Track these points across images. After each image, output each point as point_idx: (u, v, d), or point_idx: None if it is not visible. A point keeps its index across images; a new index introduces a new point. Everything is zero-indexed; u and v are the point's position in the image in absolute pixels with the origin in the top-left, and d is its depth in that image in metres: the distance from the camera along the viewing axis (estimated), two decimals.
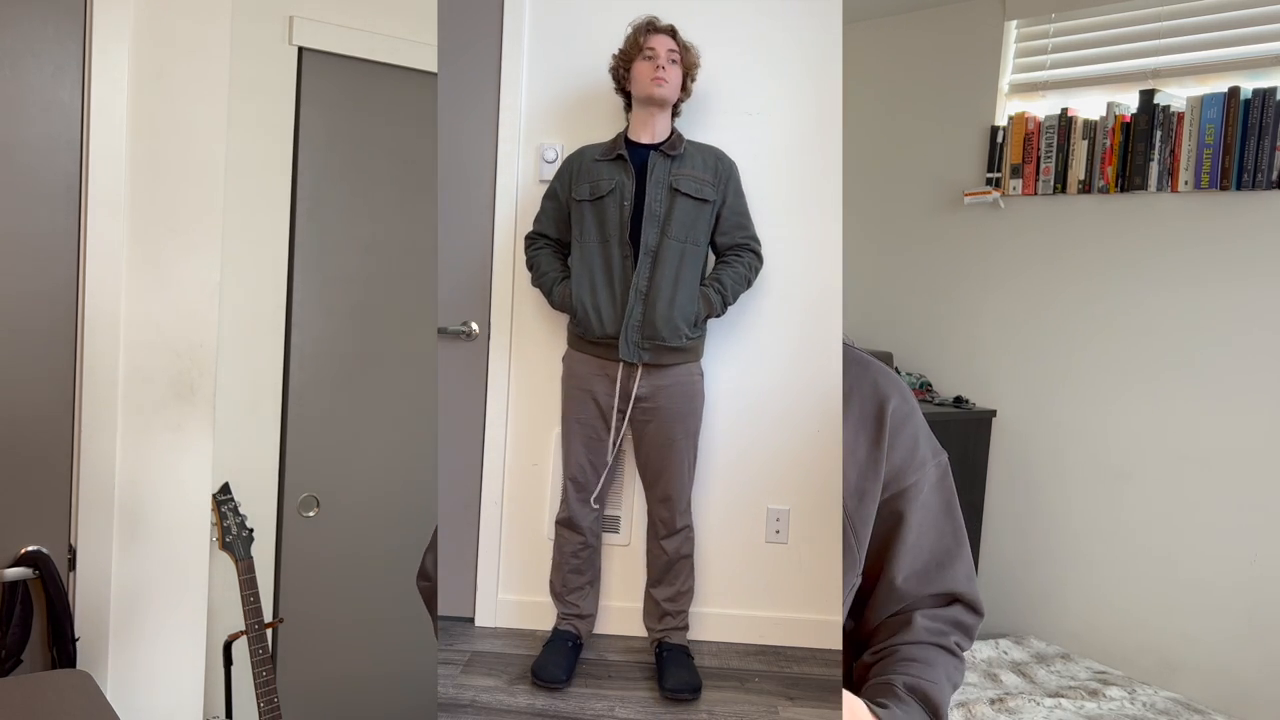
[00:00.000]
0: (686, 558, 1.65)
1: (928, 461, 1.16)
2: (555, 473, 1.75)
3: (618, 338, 1.56)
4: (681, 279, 1.56)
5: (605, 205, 1.56)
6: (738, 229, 1.63)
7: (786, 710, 1.50)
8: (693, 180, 1.58)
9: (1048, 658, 3.21)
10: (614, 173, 1.57)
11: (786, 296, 1.73)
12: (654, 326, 1.55)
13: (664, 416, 1.60)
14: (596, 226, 1.57)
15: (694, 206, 1.57)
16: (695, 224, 1.58)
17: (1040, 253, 3.48)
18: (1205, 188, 3.01)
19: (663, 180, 1.56)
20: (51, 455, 2.12)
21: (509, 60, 1.77)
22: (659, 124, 1.59)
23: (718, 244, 1.62)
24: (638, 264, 1.55)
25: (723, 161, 1.62)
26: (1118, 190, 3.22)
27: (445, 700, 1.43)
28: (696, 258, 1.59)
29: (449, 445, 1.80)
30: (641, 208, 1.56)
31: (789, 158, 1.71)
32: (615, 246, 1.56)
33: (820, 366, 1.70)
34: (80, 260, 2.10)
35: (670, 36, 1.59)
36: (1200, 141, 3.01)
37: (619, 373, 1.58)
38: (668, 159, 1.58)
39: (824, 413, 1.70)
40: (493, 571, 1.77)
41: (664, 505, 1.64)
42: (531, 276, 1.65)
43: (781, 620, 1.73)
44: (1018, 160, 3.50)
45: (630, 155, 1.58)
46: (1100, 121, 3.26)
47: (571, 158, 1.63)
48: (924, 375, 3.80)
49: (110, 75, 2.09)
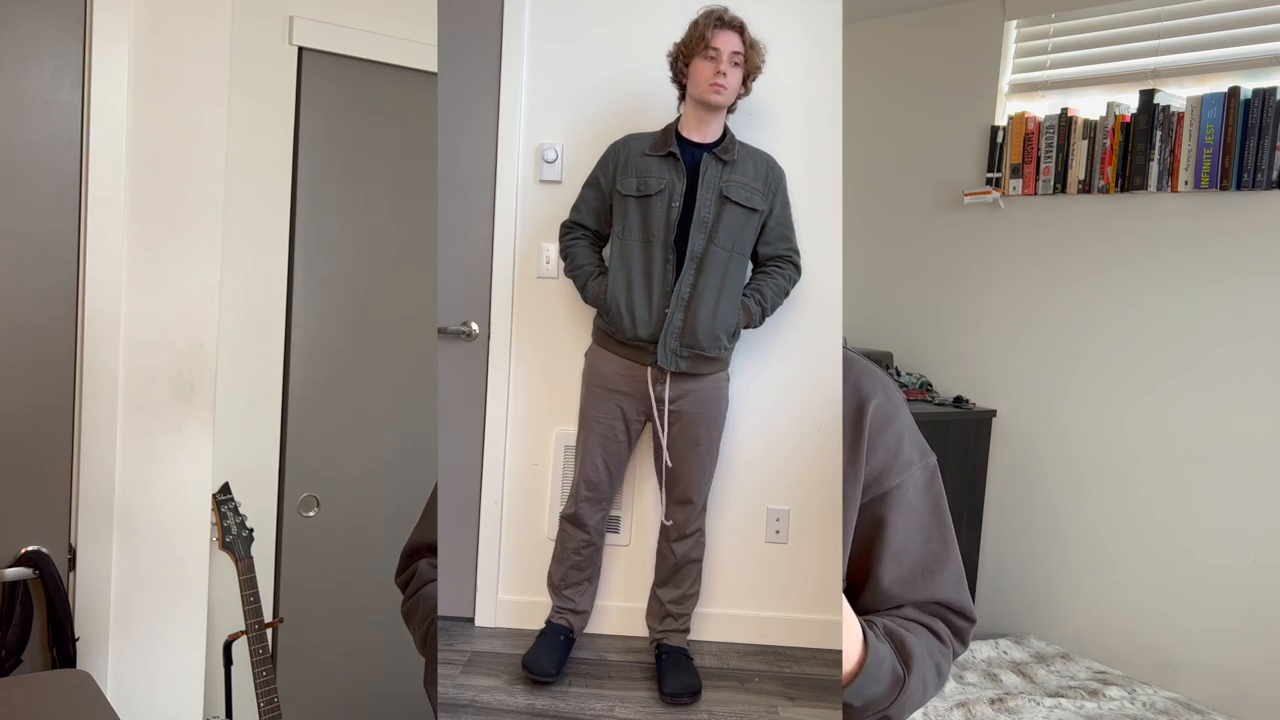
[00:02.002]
0: (696, 562, 1.65)
1: (913, 463, 1.14)
2: (555, 473, 1.75)
3: (649, 342, 1.53)
4: (726, 289, 1.52)
5: (652, 204, 1.51)
6: (781, 240, 1.59)
7: (786, 710, 1.50)
8: (744, 188, 1.53)
9: (1048, 658, 3.21)
10: (664, 171, 1.52)
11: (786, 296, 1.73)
12: (694, 335, 1.52)
13: (689, 421, 1.59)
14: (641, 226, 1.52)
15: (743, 215, 1.53)
16: (743, 233, 1.54)
17: (1040, 253, 3.48)
18: (1205, 188, 3.01)
19: (714, 185, 1.52)
20: (51, 455, 2.12)
21: (509, 60, 1.77)
22: (713, 124, 1.54)
23: (759, 253, 1.58)
24: (681, 270, 1.51)
25: (774, 170, 1.58)
26: (1118, 190, 3.22)
27: (445, 700, 1.43)
28: (741, 267, 1.55)
29: (449, 445, 1.80)
30: (690, 211, 1.51)
31: (789, 158, 1.71)
32: (658, 249, 1.51)
33: (820, 366, 1.70)
34: (80, 260, 2.10)
35: (738, 34, 1.49)
36: (1200, 141, 3.01)
37: (648, 375, 1.56)
38: (720, 163, 1.53)
39: (824, 413, 1.70)
40: (493, 571, 1.77)
41: (681, 508, 1.63)
42: (565, 266, 1.61)
43: (781, 620, 1.73)
44: (1018, 160, 3.50)
45: (682, 154, 1.52)
46: (1100, 121, 3.26)
47: (617, 146, 1.57)
48: (924, 375, 3.80)
49: (110, 75, 2.09)
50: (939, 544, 1.13)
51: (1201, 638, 3.05)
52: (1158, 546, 3.16)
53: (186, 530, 2.29)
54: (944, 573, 1.13)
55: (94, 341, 2.12)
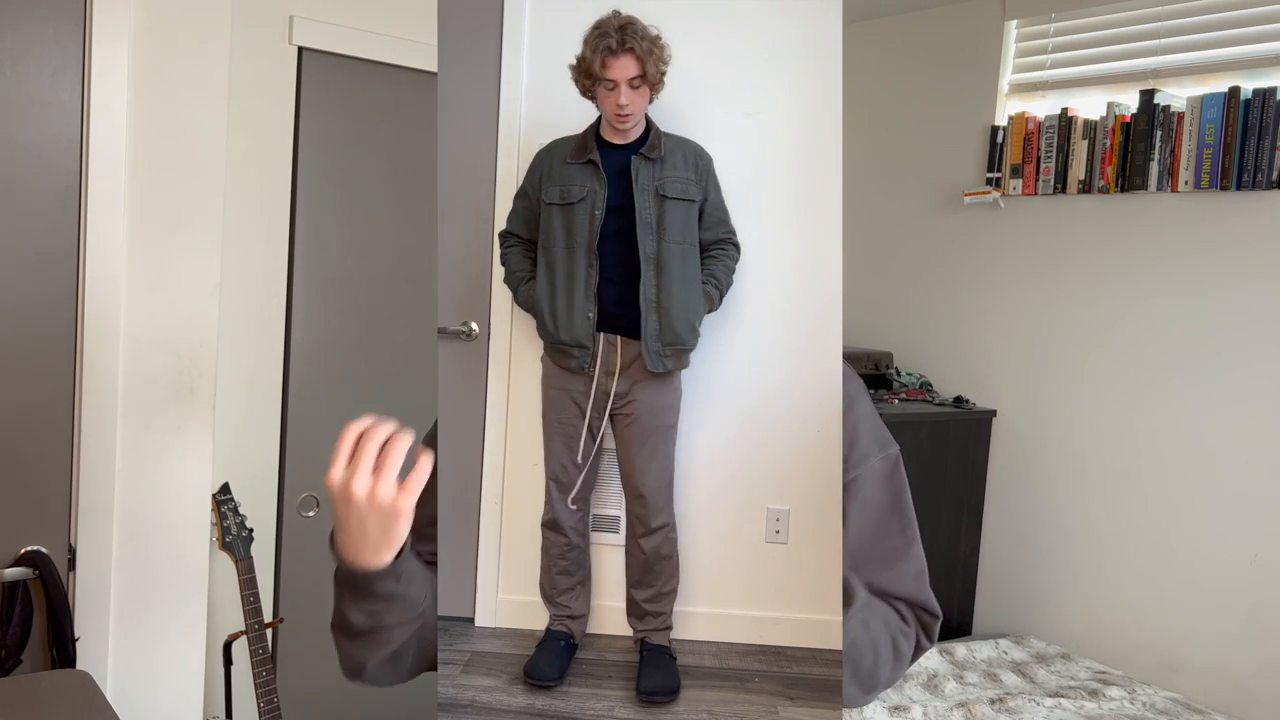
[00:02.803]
0: (667, 558, 1.64)
1: (871, 455, 1.11)
2: None
3: (573, 345, 1.55)
4: (688, 281, 1.56)
5: (575, 212, 1.53)
6: (719, 224, 1.62)
7: (786, 710, 1.50)
8: (678, 182, 1.55)
9: (1048, 658, 3.21)
10: (585, 179, 1.53)
11: (786, 297, 1.73)
12: (674, 332, 1.55)
13: (640, 412, 1.60)
14: (564, 233, 1.53)
15: (684, 208, 1.56)
16: (688, 225, 1.57)
17: (1040, 253, 3.48)
18: (1205, 188, 3.01)
19: (648, 185, 1.53)
20: (51, 455, 2.12)
21: (509, 60, 1.77)
22: (631, 128, 1.54)
23: (702, 240, 1.61)
24: (641, 274, 1.52)
25: (701, 158, 1.60)
26: (1118, 190, 3.22)
27: (445, 700, 1.43)
28: (695, 258, 1.58)
29: (449, 445, 1.80)
30: (626, 214, 1.52)
31: (789, 158, 1.71)
32: (581, 255, 1.52)
33: (820, 367, 1.70)
34: (80, 260, 2.10)
35: (632, 56, 1.44)
36: (1200, 141, 3.01)
37: (596, 372, 1.57)
38: (649, 162, 1.54)
39: (824, 413, 1.69)
40: (493, 571, 1.77)
41: (638, 502, 1.63)
42: (503, 274, 1.64)
43: (781, 620, 1.73)
44: (1018, 160, 3.50)
45: (603, 158, 1.53)
46: (1100, 121, 3.26)
47: (540, 156, 1.59)
48: (924, 375, 3.80)
49: (110, 75, 2.09)
50: (898, 539, 1.10)
51: (1201, 638, 3.05)
52: (1158, 546, 3.16)
53: (186, 530, 2.29)
54: (903, 567, 1.10)
55: (94, 341, 2.12)
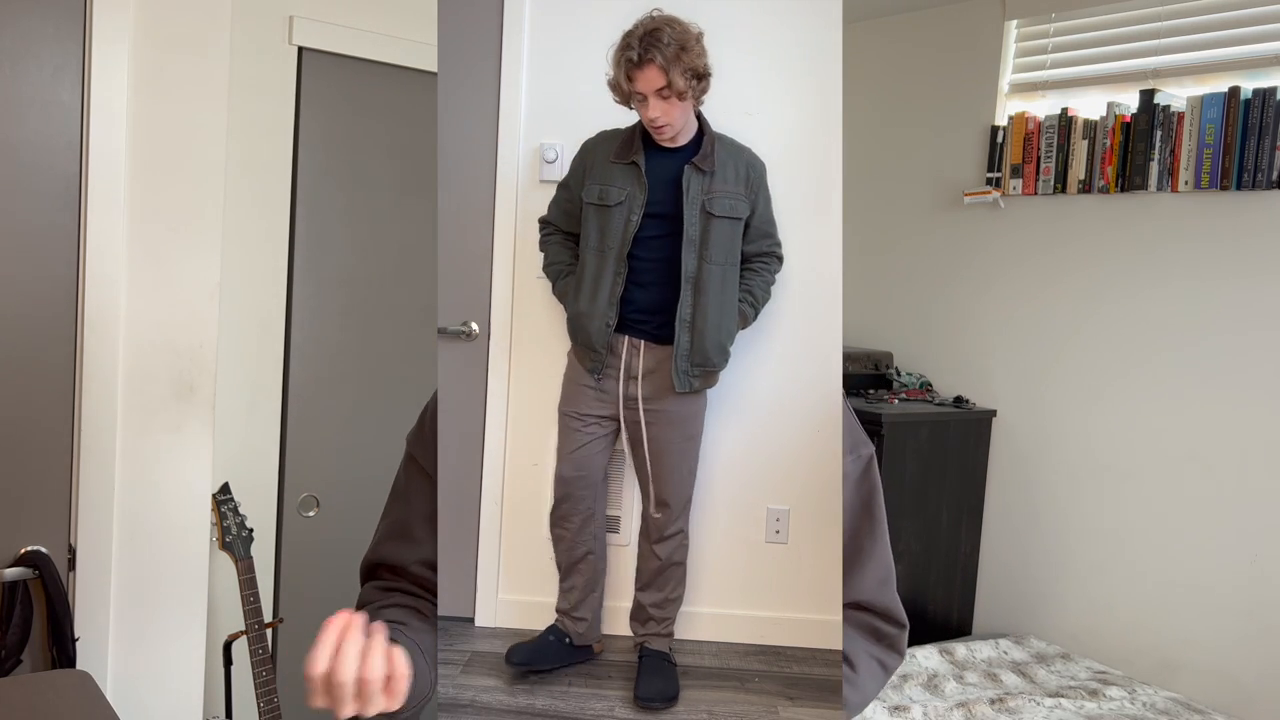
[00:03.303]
0: (679, 564, 1.63)
1: (843, 456, 1.11)
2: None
3: (590, 349, 1.53)
4: (725, 304, 1.52)
5: (612, 215, 1.50)
6: (764, 237, 1.58)
7: (786, 710, 1.50)
8: (727, 198, 1.50)
9: (1048, 658, 3.21)
10: (627, 181, 1.49)
11: (786, 296, 1.72)
12: (704, 354, 1.52)
13: (665, 419, 1.58)
14: (598, 235, 1.51)
15: (730, 226, 1.51)
16: (732, 244, 1.53)
17: (1040, 253, 3.48)
18: (1205, 188, 3.01)
19: (697, 201, 1.49)
20: (51, 455, 2.12)
21: (509, 60, 1.77)
22: (680, 133, 1.50)
23: (745, 252, 1.57)
24: (681, 293, 1.49)
25: (754, 169, 1.55)
26: (1118, 190, 3.22)
27: (445, 700, 1.43)
28: (734, 278, 1.54)
29: (449, 445, 1.80)
30: (645, 220, 1.49)
31: (789, 158, 1.71)
32: (611, 261, 1.49)
33: (820, 366, 1.70)
34: (80, 260, 2.10)
35: (654, 67, 1.40)
36: (1200, 141, 3.01)
37: (620, 376, 1.57)
38: (702, 175, 1.49)
39: (824, 413, 1.69)
40: (493, 571, 1.77)
41: (660, 509, 1.62)
42: (542, 261, 1.62)
43: (781, 620, 1.73)
44: (1018, 160, 3.50)
45: (648, 161, 1.49)
46: (1100, 121, 3.26)
47: (586, 149, 1.55)
48: (924, 375, 3.80)
49: (110, 75, 2.09)
50: (865, 539, 1.09)
51: (1201, 638, 3.05)
52: (1157, 546, 3.16)
53: (186, 530, 2.29)
54: (865, 571, 1.08)
55: (94, 341, 2.12)
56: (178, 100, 2.19)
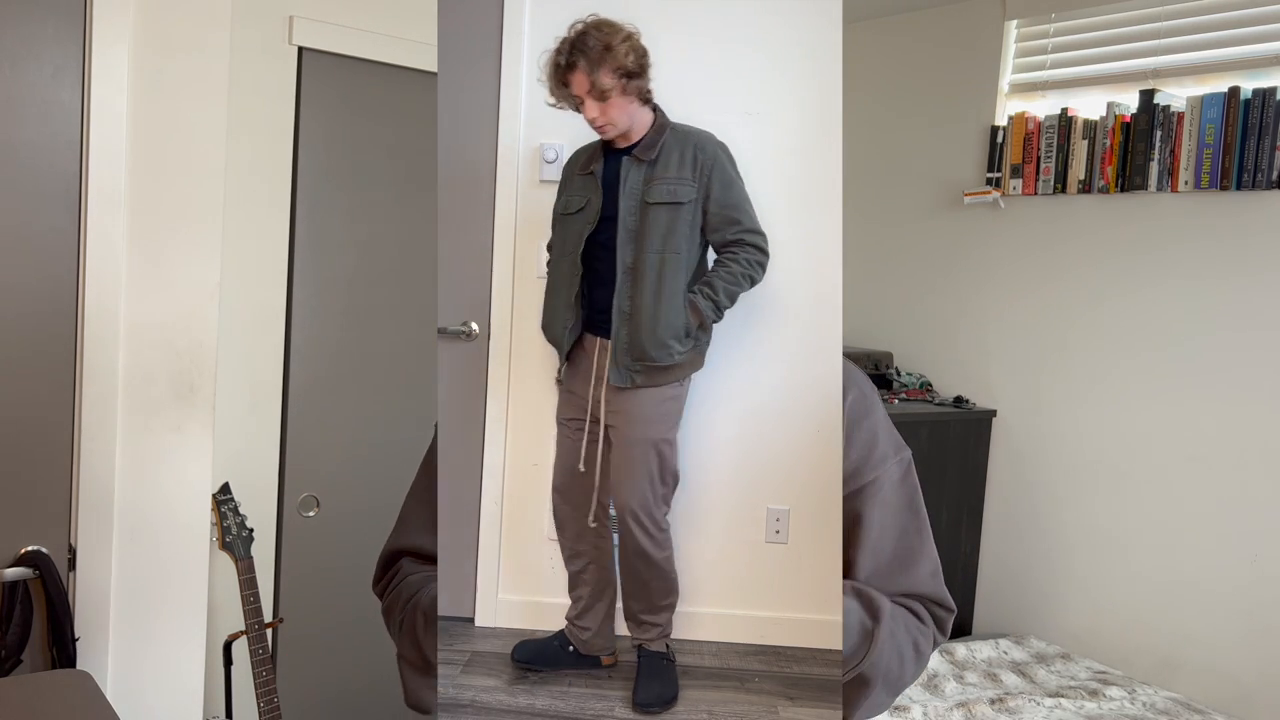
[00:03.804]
0: (654, 567, 1.58)
1: (889, 458, 1.13)
2: None
3: (562, 351, 1.54)
4: (663, 293, 1.46)
5: (573, 222, 1.51)
6: (729, 224, 1.48)
7: (786, 710, 1.50)
8: (665, 184, 1.46)
9: (1048, 658, 3.21)
10: (586, 190, 1.50)
11: (786, 296, 1.73)
12: (641, 348, 1.47)
13: (626, 422, 1.54)
14: (560, 242, 1.52)
15: (668, 212, 1.46)
16: (672, 231, 1.47)
17: (1040, 253, 3.48)
18: (1205, 188, 3.01)
19: (635, 191, 1.47)
20: (51, 455, 2.12)
21: (509, 60, 1.77)
22: (631, 128, 1.49)
23: (713, 243, 1.53)
24: (616, 284, 1.48)
25: (703, 151, 1.46)
26: (1118, 190, 3.22)
27: (445, 700, 1.43)
28: (676, 266, 1.48)
29: (449, 445, 1.80)
30: (613, 223, 1.48)
31: (789, 158, 1.71)
32: (567, 264, 1.50)
33: (820, 366, 1.70)
34: (80, 260, 2.10)
35: (580, 71, 1.40)
36: (1200, 141, 3.01)
37: (590, 378, 1.56)
38: (640, 164, 1.47)
39: (824, 412, 1.70)
40: (493, 571, 1.77)
41: (624, 514, 1.57)
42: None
43: (781, 620, 1.73)
44: (1018, 160, 3.50)
45: (605, 167, 1.50)
46: (1100, 121, 3.26)
47: (565, 166, 1.58)
48: (924, 375, 3.80)
49: (110, 75, 2.09)
50: (914, 538, 1.13)
51: (1201, 638, 3.05)
52: (1157, 546, 3.16)
53: (186, 530, 2.29)
54: (920, 566, 1.13)
55: (94, 341, 2.12)
56: (178, 100, 2.19)
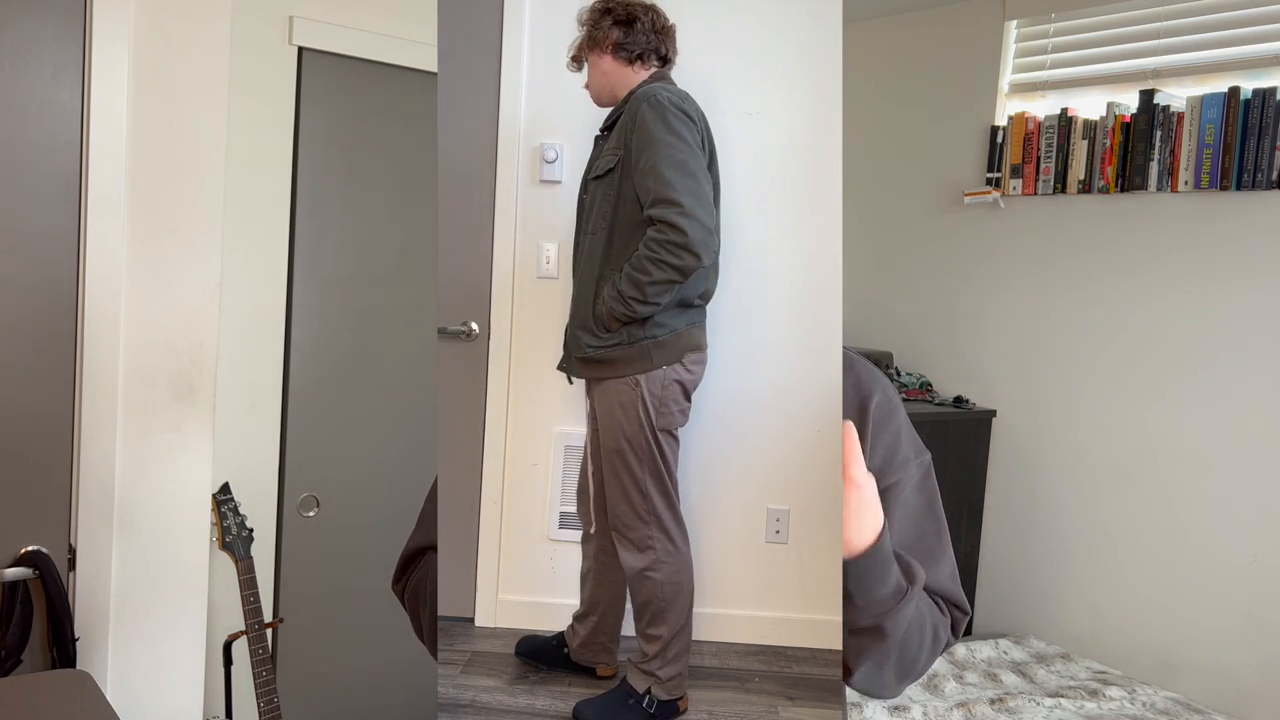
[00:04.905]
0: (652, 592, 1.46)
1: (910, 461, 1.14)
2: (555, 473, 1.75)
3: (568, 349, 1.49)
4: (579, 278, 1.37)
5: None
6: (644, 194, 1.27)
7: (786, 710, 1.50)
8: (605, 156, 1.35)
9: (1048, 658, 3.21)
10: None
11: (786, 296, 1.73)
12: (573, 336, 1.42)
13: (598, 425, 1.49)
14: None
15: (604, 187, 1.34)
16: (605, 206, 1.33)
17: (1040, 253, 3.48)
18: (1205, 188, 3.01)
19: (590, 169, 1.43)
20: (51, 455, 2.12)
21: (509, 60, 1.77)
22: (605, 106, 1.47)
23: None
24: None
25: (631, 111, 1.31)
26: (1118, 190, 3.22)
27: (445, 700, 1.43)
28: (595, 248, 1.34)
29: (449, 446, 1.80)
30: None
31: (789, 158, 1.71)
32: (571, 253, 1.47)
33: (821, 365, 1.70)
34: (80, 260, 2.10)
35: (574, 61, 1.46)
36: (1200, 141, 3.01)
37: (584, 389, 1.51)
38: (603, 137, 1.42)
39: (824, 412, 1.70)
40: (493, 571, 1.77)
41: (600, 520, 1.51)
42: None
43: (781, 620, 1.73)
44: (1018, 160, 3.50)
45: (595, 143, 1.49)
46: (1100, 121, 3.26)
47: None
48: (924, 375, 3.80)
49: (110, 75, 2.09)
50: (934, 539, 1.14)
51: (1201, 638, 3.05)
52: (1158, 546, 3.16)
53: (186, 530, 2.29)
54: (940, 567, 1.14)
55: (94, 341, 2.12)
56: (178, 100, 2.19)
